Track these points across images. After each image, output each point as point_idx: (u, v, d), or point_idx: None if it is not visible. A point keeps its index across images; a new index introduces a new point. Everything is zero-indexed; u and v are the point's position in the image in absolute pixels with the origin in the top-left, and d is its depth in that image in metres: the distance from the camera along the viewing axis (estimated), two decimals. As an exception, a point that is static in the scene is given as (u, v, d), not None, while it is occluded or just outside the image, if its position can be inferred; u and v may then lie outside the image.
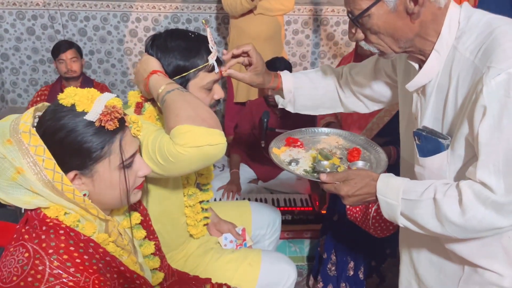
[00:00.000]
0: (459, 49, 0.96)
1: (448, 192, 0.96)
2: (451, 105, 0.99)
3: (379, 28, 0.98)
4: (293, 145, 1.33)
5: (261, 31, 3.01)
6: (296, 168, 1.23)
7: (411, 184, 1.04)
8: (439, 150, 1.02)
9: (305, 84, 1.40)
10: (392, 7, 0.94)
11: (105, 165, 0.89)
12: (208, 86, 1.26)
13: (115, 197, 0.94)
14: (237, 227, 1.66)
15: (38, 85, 4.04)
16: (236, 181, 2.63)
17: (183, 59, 1.22)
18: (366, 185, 1.07)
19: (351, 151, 1.30)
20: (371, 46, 1.04)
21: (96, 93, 0.89)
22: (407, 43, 1.01)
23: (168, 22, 3.84)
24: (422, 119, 1.08)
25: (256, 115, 2.75)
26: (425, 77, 1.03)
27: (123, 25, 3.84)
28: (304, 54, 4.08)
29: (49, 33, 3.83)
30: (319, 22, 3.95)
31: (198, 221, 1.47)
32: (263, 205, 1.85)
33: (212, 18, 3.86)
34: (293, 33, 3.97)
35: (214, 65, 1.24)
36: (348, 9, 1.01)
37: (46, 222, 0.87)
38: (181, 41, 1.23)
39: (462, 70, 0.95)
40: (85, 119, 0.86)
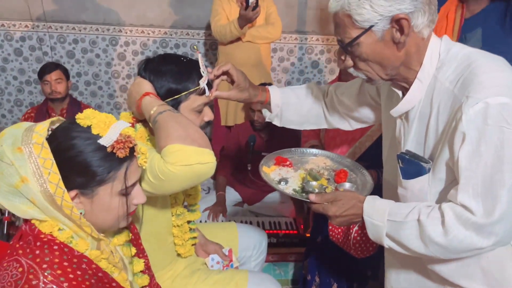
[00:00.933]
0: (439, 78, 1.03)
1: (431, 214, 1.01)
2: (432, 131, 1.05)
3: (367, 55, 1.04)
4: (283, 164, 1.38)
5: (248, 58, 3.10)
6: (286, 187, 1.27)
7: (396, 206, 1.09)
8: (421, 173, 1.07)
9: (292, 99, 1.46)
10: (380, 37, 1.00)
11: (107, 190, 0.92)
12: (199, 109, 1.31)
13: (108, 220, 0.96)
14: (223, 248, 1.67)
15: (23, 105, 4.02)
16: (222, 203, 2.65)
17: (175, 82, 1.26)
18: (353, 206, 1.12)
19: (338, 173, 1.35)
20: (360, 73, 1.10)
21: (112, 120, 0.93)
22: (393, 71, 1.07)
23: (156, 47, 3.91)
24: (405, 143, 1.13)
25: (243, 138, 2.80)
26: (408, 104, 1.09)
27: (112, 48, 3.89)
28: (289, 81, 4.18)
29: (37, 54, 3.84)
30: (304, 50, 4.07)
31: (185, 241, 1.48)
32: (249, 227, 1.87)
33: (200, 44, 3.95)
34: (278, 60, 4.08)
35: (205, 89, 1.29)
36: (338, 37, 1.06)
37: (41, 238, 0.88)
38: (173, 65, 1.28)
39: (443, 99, 1.02)
40: (98, 142, 0.88)
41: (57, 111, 2.92)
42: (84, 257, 0.92)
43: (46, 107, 2.94)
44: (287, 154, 1.47)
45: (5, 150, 0.84)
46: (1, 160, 0.85)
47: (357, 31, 1.01)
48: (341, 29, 1.04)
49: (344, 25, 1.02)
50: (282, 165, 1.38)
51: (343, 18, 1.02)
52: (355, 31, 1.01)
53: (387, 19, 0.97)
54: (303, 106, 1.48)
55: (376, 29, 0.99)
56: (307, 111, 1.49)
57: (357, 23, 0.99)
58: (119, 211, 0.96)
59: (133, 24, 3.82)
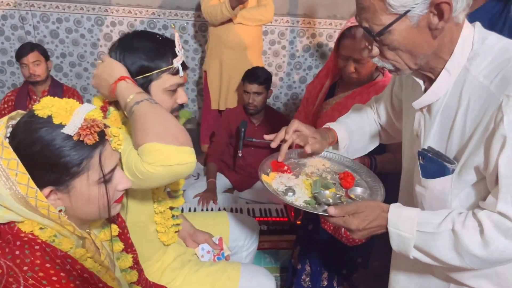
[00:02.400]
0: (471, 71, 0.93)
1: (466, 223, 0.93)
2: (458, 128, 0.96)
3: (399, 44, 0.93)
4: (280, 170, 1.27)
5: (240, 41, 3.02)
6: (295, 199, 1.14)
7: (425, 215, 0.99)
8: (444, 174, 0.99)
9: (354, 128, 1.36)
10: (415, 23, 0.89)
11: (83, 181, 0.85)
12: (171, 89, 1.24)
13: (93, 212, 0.90)
14: (213, 237, 1.64)
15: (5, 87, 3.88)
16: (212, 190, 2.61)
17: (147, 59, 1.20)
18: (377, 217, 1.02)
19: (344, 176, 1.25)
20: (386, 63, 0.99)
21: (75, 104, 0.85)
22: (424, 60, 0.96)
23: (144, 28, 3.78)
24: (425, 137, 1.05)
25: (234, 124, 2.75)
26: (433, 95, 1.00)
27: (98, 28, 3.76)
28: (280, 64, 4.11)
29: (19, 34, 3.69)
30: (295, 33, 3.99)
31: (168, 228, 1.43)
32: (241, 216, 1.84)
33: (189, 25, 3.84)
34: (269, 44, 4.00)
35: (178, 69, 1.23)
36: (365, 24, 0.94)
37: (21, 237, 0.82)
38: (148, 42, 1.22)
39: (474, 94, 0.92)
40: (62, 132, 0.81)
41: (39, 93, 2.81)
42: (68, 257, 0.86)
43: (27, 90, 2.83)
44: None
45: None
46: None
47: (390, 17, 0.89)
48: (369, 14, 0.91)
49: (374, 10, 0.90)
50: (280, 171, 1.26)
51: (373, 2, 0.89)
52: (388, 17, 0.89)
53: (425, 3, 0.86)
54: (365, 130, 1.39)
55: (411, 14, 0.88)
56: (369, 133, 1.40)
57: (391, 8, 0.88)
58: (100, 201, 0.89)
59: (119, 3, 3.69)
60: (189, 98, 4.14)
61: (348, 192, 1.18)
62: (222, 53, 3.08)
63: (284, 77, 4.17)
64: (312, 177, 1.25)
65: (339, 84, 1.93)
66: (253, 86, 2.64)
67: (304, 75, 4.18)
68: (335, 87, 1.94)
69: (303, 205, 1.11)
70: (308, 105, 2.04)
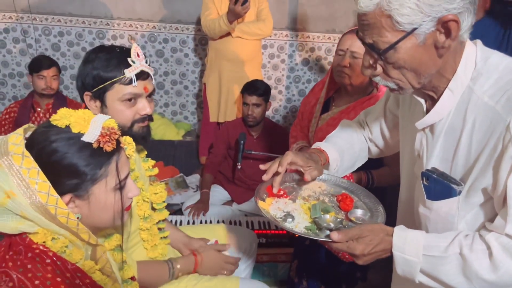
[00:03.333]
0: (475, 91, 0.91)
1: (474, 246, 0.91)
2: (464, 149, 0.94)
3: (404, 62, 0.90)
4: (277, 194, 1.23)
5: (239, 54, 3.05)
6: (295, 225, 1.11)
7: (432, 238, 0.97)
8: (450, 195, 0.97)
9: (344, 146, 1.33)
10: (421, 40, 0.87)
11: (102, 187, 0.87)
12: (125, 98, 1.24)
13: (108, 219, 0.92)
14: (209, 241, 1.64)
15: (5, 99, 3.91)
16: (205, 201, 2.62)
17: (100, 70, 1.22)
18: (381, 241, 0.99)
19: (342, 199, 1.22)
20: (389, 82, 0.96)
21: (90, 115, 0.88)
22: (427, 79, 0.94)
23: (144, 41, 3.83)
24: (428, 157, 1.02)
25: (232, 136, 2.76)
26: (436, 115, 0.98)
27: (99, 42, 3.79)
28: (280, 78, 4.14)
29: (21, 47, 3.73)
30: (294, 47, 4.03)
31: (156, 244, 1.43)
32: (239, 229, 1.83)
33: (190, 39, 3.88)
34: (269, 57, 4.04)
35: (132, 78, 1.23)
36: (369, 41, 0.91)
37: (32, 249, 0.83)
38: (103, 54, 1.25)
39: (480, 114, 0.90)
40: (82, 140, 0.84)
41: (43, 105, 2.84)
42: (78, 271, 0.86)
43: (31, 102, 2.85)
44: None
45: None
46: None
47: (397, 34, 0.86)
48: (375, 31, 0.88)
49: (380, 27, 0.87)
50: (277, 196, 1.22)
51: (379, 18, 0.86)
52: (395, 34, 0.87)
53: (433, 20, 0.84)
54: (354, 149, 1.36)
55: (419, 32, 0.85)
56: (358, 151, 1.37)
57: (398, 25, 0.85)
58: (115, 208, 0.92)
59: (120, 17, 3.74)
60: (188, 110, 4.17)
61: (348, 214, 1.15)
62: (221, 66, 3.11)
63: (284, 90, 4.20)
64: (309, 200, 1.23)
65: (334, 99, 1.93)
66: (252, 97, 2.66)
67: (303, 88, 4.20)
68: (330, 102, 1.94)
69: (304, 232, 1.08)
70: (303, 119, 2.04)
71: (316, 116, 1.91)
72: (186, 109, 4.16)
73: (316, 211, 1.13)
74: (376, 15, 0.87)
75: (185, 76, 4.02)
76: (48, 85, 2.74)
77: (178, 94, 4.09)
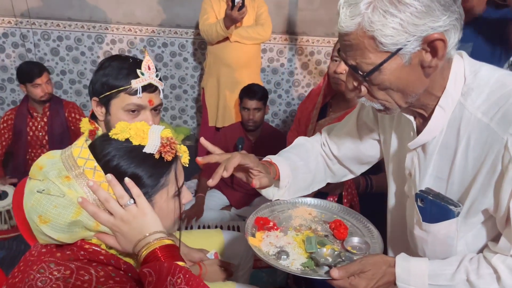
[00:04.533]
0: (467, 107, 0.88)
1: (481, 271, 0.88)
2: (459, 167, 0.91)
3: (390, 83, 0.86)
4: (266, 227, 1.16)
5: (237, 59, 3.04)
6: (291, 263, 1.04)
7: (436, 266, 0.94)
8: (448, 217, 0.93)
9: (298, 163, 1.25)
10: (406, 60, 0.83)
11: (163, 195, 0.89)
12: (129, 108, 1.25)
13: (168, 225, 0.93)
14: (208, 253, 1.62)
15: (5, 104, 3.91)
16: (199, 205, 2.59)
17: (110, 77, 1.24)
18: (384, 274, 0.95)
19: (335, 226, 1.16)
20: (375, 103, 0.92)
21: (147, 126, 0.90)
22: (415, 98, 0.90)
23: (144, 46, 3.82)
24: (421, 177, 0.99)
25: (230, 141, 2.74)
26: (428, 134, 0.94)
27: (98, 46, 3.80)
28: (279, 82, 4.13)
29: (20, 51, 3.74)
30: (294, 51, 4.03)
31: None
32: (236, 235, 1.81)
33: (189, 43, 3.88)
34: (268, 61, 4.03)
35: (137, 90, 1.23)
36: (351, 63, 0.87)
37: (85, 249, 0.84)
38: (116, 62, 1.26)
39: (473, 131, 0.87)
40: (144, 152, 0.85)
41: (39, 110, 2.84)
42: (130, 270, 0.87)
43: (27, 108, 2.85)
44: (264, 210, 1.24)
45: (54, 182, 0.80)
46: (50, 194, 0.79)
47: (381, 55, 0.82)
48: (358, 52, 0.84)
49: (363, 48, 0.83)
50: (267, 229, 1.15)
51: (362, 40, 0.82)
52: (378, 55, 0.82)
53: (418, 40, 0.80)
54: (310, 168, 1.27)
55: (403, 52, 0.82)
56: (314, 170, 1.28)
57: (382, 46, 0.81)
58: (173, 215, 0.93)
59: (120, 22, 3.74)
60: (188, 115, 4.16)
61: (344, 244, 1.11)
62: (220, 71, 3.10)
63: (283, 94, 4.19)
64: (301, 231, 1.17)
65: (331, 105, 1.91)
66: (253, 102, 2.65)
67: (302, 92, 4.20)
68: (327, 107, 1.92)
69: (301, 270, 1.02)
70: (300, 125, 2.02)
71: (313, 122, 1.89)
72: (186, 113, 4.16)
73: (312, 245, 1.07)
74: (359, 36, 0.82)
75: (184, 81, 4.02)
76: (45, 91, 2.74)
77: (178, 99, 4.08)
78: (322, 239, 1.11)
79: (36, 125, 2.86)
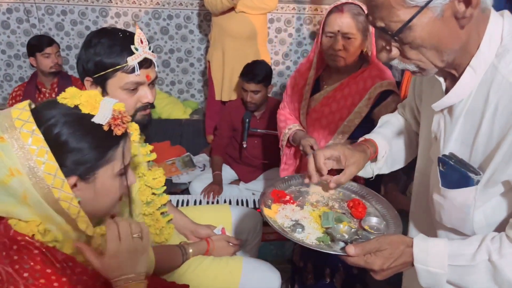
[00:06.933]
0: (500, 70, 0.82)
1: (503, 251, 0.84)
2: (484, 134, 0.87)
3: (423, 41, 0.80)
4: (282, 200, 1.14)
5: (243, 30, 2.97)
6: (306, 236, 1.02)
7: (456, 246, 0.90)
8: (467, 185, 0.89)
9: (391, 135, 1.23)
10: (438, 13, 0.77)
11: (108, 171, 0.85)
12: (128, 87, 1.21)
13: (107, 205, 0.90)
14: (215, 228, 1.62)
15: (12, 80, 3.91)
16: (218, 182, 2.61)
17: (102, 56, 1.18)
18: (402, 254, 0.92)
19: (354, 205, 1.14)
20: (408, 64, 0.87)
21: (99, 96, 0.85)
22: (451, 56, 0.84)
23: (149, 18, 3.76)
24: (446, 141, 0.95)
25: (235, 116, 2.71)
26: (456, 97, 0.89)
27: (102, 20, 3.74)
28: (287, 52, 4.05)
29: (25, 27, 3.70)
30: (302, 21, 3.92)
31: (160, 229, 1.41)
32: (243, 210, 1.81)
33: (194, 15, 3.80)
34: (275, 32, 3.94)
35: (135, 67, 1.19)
36: (380, 24, 0.82)
37: (18, 240, 0.79)
38: (106, 39, 1.19)
39: (504, 97, 0.82)
40: (92, 121, 0.81)
41: (48, 85, 2.82)
42: (70, 260, 0.84)
43: (35, 83, 2.84)
44: (282, 185, 1.22)
45: None
46: None
47: (409, 11, 0.77)
48: (384, 12, 0.79)
49: (389, 6, 0.78)
50: (283, 202, 1.13)
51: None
52: (407, 11, 0.77)
53: None
54: (403, 138, 1.26)
55: (434, 4, 0.76)
56: (408, 142, 1.26)
57: (409, 0, 0.76)
58: (115, 195, 0.90)
59: (123, -6, 3.67)
60: (195, 88, 4.12)
61: (361, 223, 1.08)
62: (225, 43, 3.03)
63: (291, 66, 4.11)
64: (318, 207, 1.15)
65: (323, 78, 1.83)
66: (250, 85, 2.54)
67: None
68: (319, 81, 1.83)
69: (316, 243, 1.00)
70: (292, 102, 1.92)
71: (306, 98, 1.80)
72: (193, 87, 4.12)
73: (329, 220, 1.04)
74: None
75: (190, 54, 3.96)
76: (55, 62, 2.73)
77: (184, 72, 4.04)
78: (339, 216, 1.09)
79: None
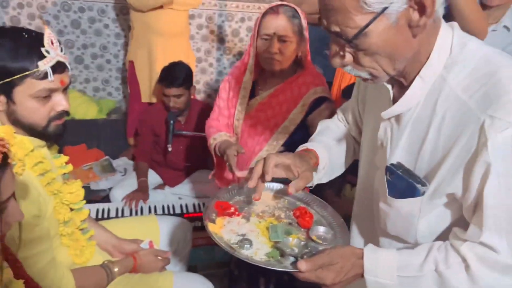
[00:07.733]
0: (448, 81, 0.83)
1: (450, 261, 0.85)
2: (430, 143, 0.87)
3: (378, 48, 0.80)
4: (227, 212, 1.09)
5: (170, 28, 2.84)
6: (254, 252, 0.97)
7: (405, 257, 0.90)
8: (413, 195, 0.90)
9: (331, 143, 1.21)
10: (393, 21, 0.77)
11: None
12: (39, 95, 1.08)
13: None
14: (142, 242, 1.52)
15: None
16: (144, 189, 2.48)
17: (5, 60, 1.02)
18: (353, 266, 0.91)
19: (300, 214, 1.10)
20: (361, 71, 0.86)
21: None
22: (402, 64, 0.84)
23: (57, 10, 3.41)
24: (393, 149, 0.95)
25: (156, 121, 2.58)
26: (404, 105, 0.89)
27: (123, 18, 3.49)
28: (209, 49, 3.97)
29: (37, 24, 3.31)
30: (223, 17, 3.87)
31: (81, 248, 1.30)
32: (172, 220, 1.73)
33: (109, 8, 3.54)
34: (197, 28, 3.84)
35: (47, 72, 1.06)
36: (335, 29, 0.80)
37: None
38: (7, 40, 1.04)
39: (451, 108, 0.82)
40: None
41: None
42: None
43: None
44: (225, 195, 1.17)
45: None
46: None
47: (366, 17, 0.76)
48: (340, 16, 0.78)
49: (345, 10, 0.77)
50: (227, 214, 1.09)
51: (344, 1, 0.76)
52: (363, 17, 0.76)
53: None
54: (341, 144, 1.24)
55: (389, 11, 0.75)
56: (345, 149, 1.25)
57: (366, 6, 0.75)
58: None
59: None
60: (112, 86, 3.88)
61: (309, 233, 1.04)
62: (151, 41, 2.86)
63: (214, 63, 4.04)
64: (264, 217, 1.11)
65: (258, 82, 1.79)
66: (171, 90, 2.41)
67: (234, 60, 4.08)
68: (254, 86, 1.79)
69: (266, 260, 0.96)
70: (227, 108, 1.84)
71: (242, 103, 1.76)
72: (110, 84, 3.87)
73: (278, 234, 1.01)
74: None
75: (106, 49, 3.71)
76: None
77: (100, 69, 3.77)
78: (287, 228, 1.06)
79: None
